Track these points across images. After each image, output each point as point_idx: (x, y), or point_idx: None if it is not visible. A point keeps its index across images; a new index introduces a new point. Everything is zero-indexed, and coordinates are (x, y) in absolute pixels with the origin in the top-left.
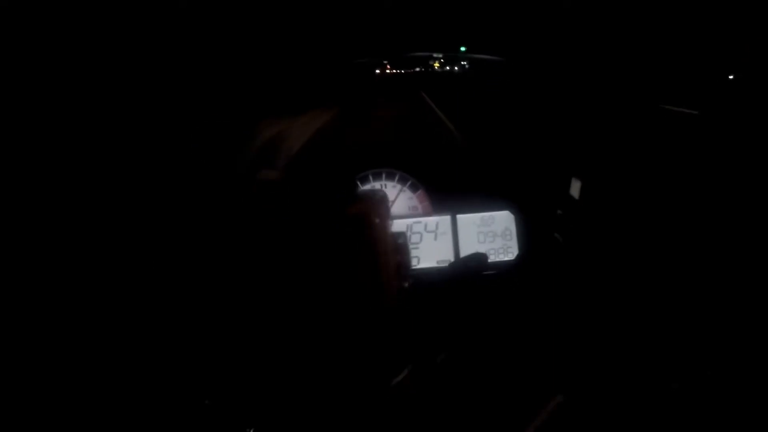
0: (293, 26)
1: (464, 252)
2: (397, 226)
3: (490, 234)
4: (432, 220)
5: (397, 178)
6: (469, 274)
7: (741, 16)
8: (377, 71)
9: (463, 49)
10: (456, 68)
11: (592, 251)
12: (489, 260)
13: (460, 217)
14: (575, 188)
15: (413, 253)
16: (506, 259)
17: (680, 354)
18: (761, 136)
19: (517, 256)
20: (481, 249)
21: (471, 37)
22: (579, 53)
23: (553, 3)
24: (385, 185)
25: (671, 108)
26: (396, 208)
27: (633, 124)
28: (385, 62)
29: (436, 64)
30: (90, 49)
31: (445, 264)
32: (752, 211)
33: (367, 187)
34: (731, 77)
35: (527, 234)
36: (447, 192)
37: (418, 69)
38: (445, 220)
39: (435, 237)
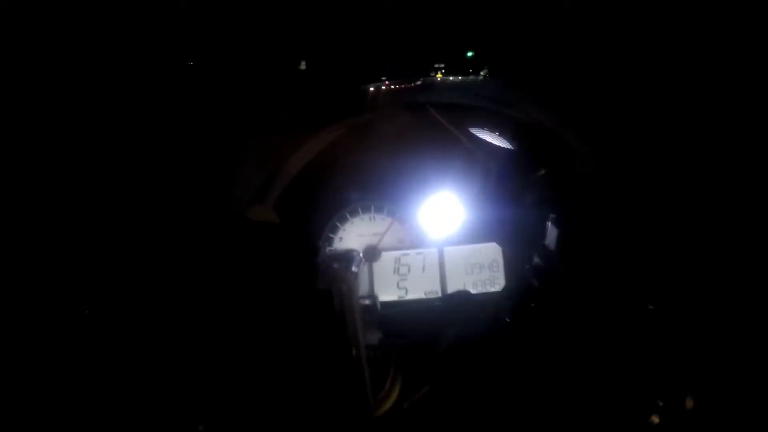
0: (292, 35)
1: (451, 283)
2: (385, 258)
3: (477, 266)
4: (419, 252)
5: (385, 211)
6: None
7: (741, 16)
8: (373, 89)
9: (469, 54)
10: (460, 78)
11: (574, 285)
12: (476, 291)
13: (447, 249)
14: (551, 237)
15: (402, 284)
16: (493, 290)
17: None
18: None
19: (504, 287)
20: (468, 280)
21: (473, 40)
22: (573, 74)
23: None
24: (374, 218)
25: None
26: (384, 241)
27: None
28: (383, 78)
29: (439, 75)
30: (90, 50)
31: (434, 295)
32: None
33: (356, 219)
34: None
35: (514, 265)
36: (434, 223)
37: (419, 81)
38: (432, 252)
39: (423, 269)
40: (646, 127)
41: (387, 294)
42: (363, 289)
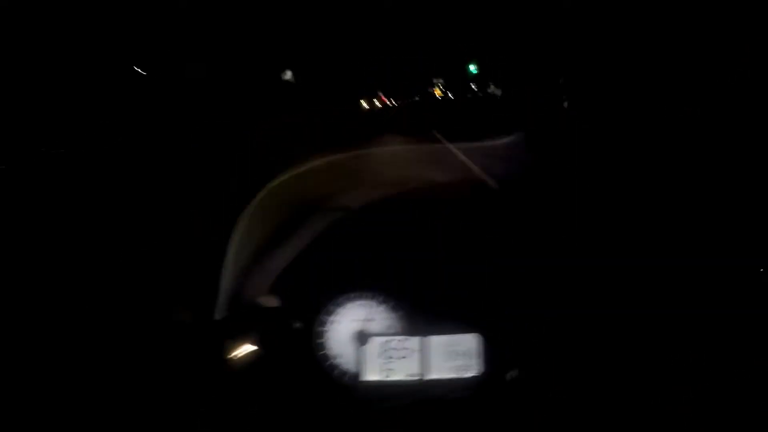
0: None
1: (433, 366)
2: (373, 343)
3: (455, 353)
4: (404, 338)
5: (378, 300)
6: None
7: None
8: (368, 106)
9: (472, 69)
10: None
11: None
12: (453, 376)
13: (432, 338)
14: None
15: (385, 366)
16: (467, 375)
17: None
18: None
19: (480, 372)
20: (447, 366)
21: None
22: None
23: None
24: (367, 304)
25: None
26: (374, 326)
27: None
28: (380, 92)
29: (437, 91)
30: (90, 50)
31: (414, 378)
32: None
33: (350, 305)
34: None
35: (491, 355)
36: (421, 312)
37: (416, 98)
38: (416, 340)
39: (407, 354)
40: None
41: (372, 374)
42: (351, 367)
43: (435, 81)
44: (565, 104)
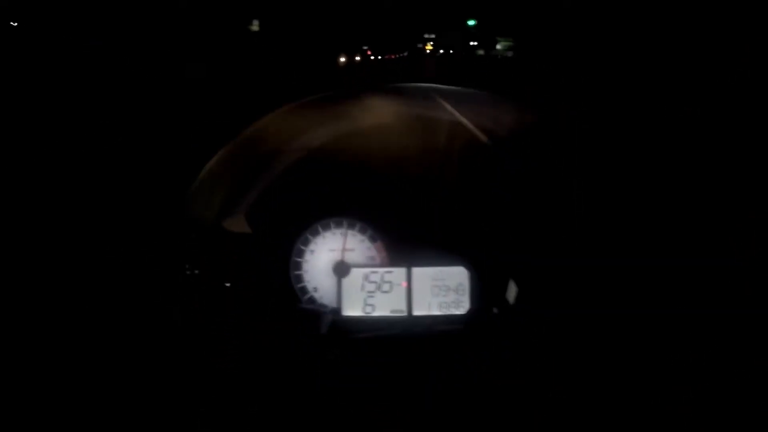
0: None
1: (417, 303)
2: (354, 275)
3: (444, 287)
4: (388, 271)
5: (357, 227)
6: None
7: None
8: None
9: (471, 23)
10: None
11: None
12: (441, 312)
13: (415, 270)
14: (511, 293)
15: (369, 301)
16: (457, 312)
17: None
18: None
19: (468, 310)
20: (434, 301)
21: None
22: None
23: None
24: (346, 233)
25: None
26: (354, 257)
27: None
28: (365, 47)
29: (428, 46)
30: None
31: (399, 314)
32: None
33: (328, 233)
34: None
35: (479, 290)
36: (405, 243)
37: (405, 53)
38: (401, 271)
39: (390, 287)
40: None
41: (353, 309)
42: (330, 302)
43: (426, 36)
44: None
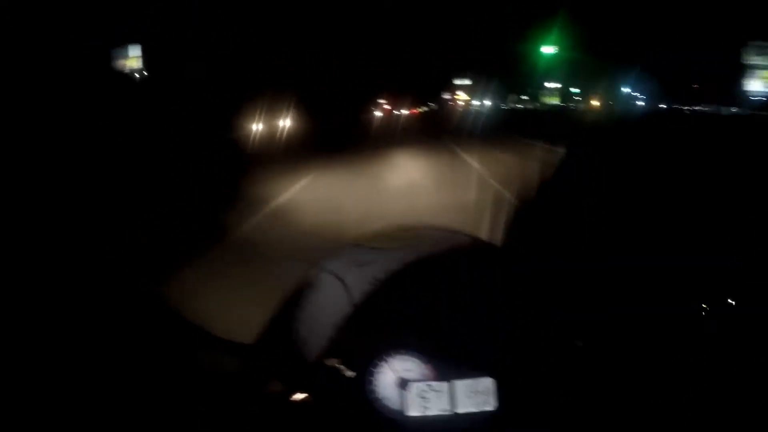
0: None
1: (459, 403)
2: (412, 387)
3: (476, 392)
4: (437, 383)
5: (414, 354)
6: None
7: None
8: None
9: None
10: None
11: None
12: (476, 409)
13: (455, 382)
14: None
15: (424, 404)
16: (487, 408)
17: None
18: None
19: (495, 406)
20: (469, 402)
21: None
22: None
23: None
24: (405, 358)
25: None
26: (411, 375)
27: None
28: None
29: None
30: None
31: (447, 412)
32: None
33: (392, 359)
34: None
35: (503, 393)
36: (447, 363)
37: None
38: (444, 384)
39: (439, 394)
40: None
41: (413, 411)
42: (397, 406)
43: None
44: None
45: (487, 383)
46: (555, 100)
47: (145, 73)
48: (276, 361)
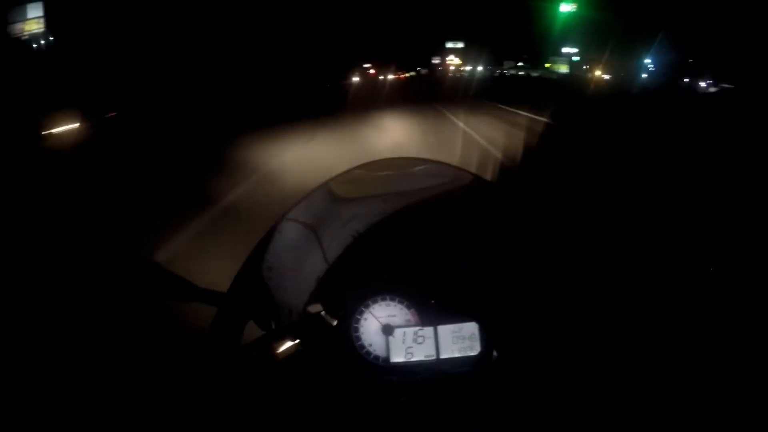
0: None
1: (443, 348)
2: (397, 333)
3: (461, 337)
4: (420, 329)
5: (397, 300)
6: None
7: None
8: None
9: None
10: None
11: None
12: (460, 354)
13: (440, 327)
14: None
15: (408, 350)
16: (472, 354)
17: None
18: None
19: (479, 351)
20: (454, 347)
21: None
22: None
23: None
24: (389, 304)
25: None
26: (396, 321)
27: None
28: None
29: (452, 63)
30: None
31: (430, 358)
32: None
33: (377, 305)
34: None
35: (486, 338)
36: (432, 308)
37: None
38: (430, 329)
39: (423, 340)
40: None
41: (398, 357)
42: (381, 353)
43: (451, 46)
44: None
45: (471, 328)
46: (563, 68)
47: (51, 39)
48: (251, 305)
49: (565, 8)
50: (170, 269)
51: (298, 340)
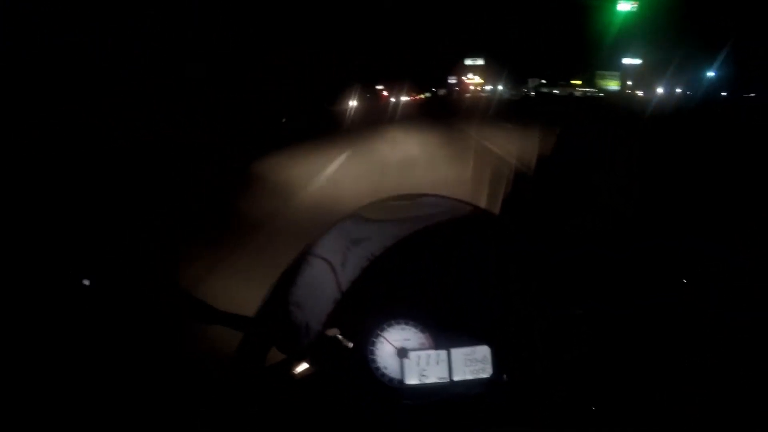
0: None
1: (456, 371)
2: (412, 356)
3: (473, 360)
4: (435, 352)
5: (411, 324)
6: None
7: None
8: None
9: None
10: None
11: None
12: (472, 377)
13: (453, 350)
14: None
15: (423, 373)
16: (483, 376)
17: None
18: None
19: (491, 373)
20: (466, 370)
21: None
22: None
23: None
24: (404, 328)
25: None
26: (411, 344)
27: None
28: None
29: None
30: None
31: (444, 380)
32: None
33: (392, 329)
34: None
35: (497, 362)
36: (445, 332)
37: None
38: (443, 352)
39: (437, 363)
40: None
41: (412, 379)
42: (396, 375)
43: (470, 63)
44: None
45: (483, 351)
46: (613, 84)
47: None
48: (274, 331)
49: (624, 6)
50: (196, 294)
51: (316, 363)
